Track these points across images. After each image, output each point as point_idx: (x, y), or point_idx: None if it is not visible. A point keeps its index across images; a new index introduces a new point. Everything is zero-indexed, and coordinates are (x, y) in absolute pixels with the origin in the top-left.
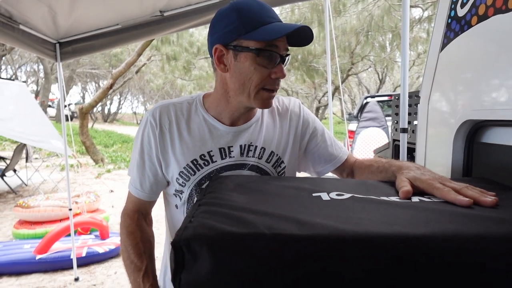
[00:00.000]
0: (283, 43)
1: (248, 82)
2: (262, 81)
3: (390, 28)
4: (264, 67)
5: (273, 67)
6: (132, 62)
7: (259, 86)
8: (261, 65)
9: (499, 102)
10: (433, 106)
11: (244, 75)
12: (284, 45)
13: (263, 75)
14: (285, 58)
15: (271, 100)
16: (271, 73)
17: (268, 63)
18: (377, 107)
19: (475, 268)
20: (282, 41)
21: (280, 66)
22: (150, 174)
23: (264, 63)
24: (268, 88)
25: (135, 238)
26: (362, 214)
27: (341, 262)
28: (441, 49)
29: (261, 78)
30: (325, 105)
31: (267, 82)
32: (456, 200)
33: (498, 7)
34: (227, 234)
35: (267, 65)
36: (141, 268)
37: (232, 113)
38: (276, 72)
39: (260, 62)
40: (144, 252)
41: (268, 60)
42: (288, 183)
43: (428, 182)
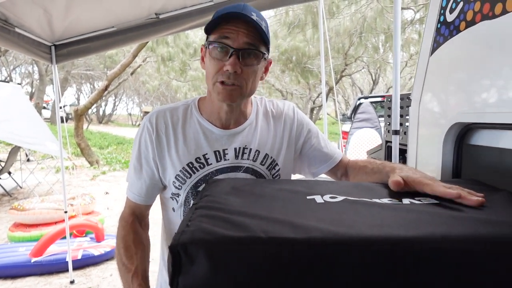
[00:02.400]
0: (238, 35)
1: (209, 75)
2: (215, 74)
3: (383, 29)
4: (218, 59)
5: (226, 60)
6: (127, 64)
7: (214, 78)
8: (215, 57)
9: (487, 106)
10: (424, 109)
11: (207, 70)
12: (241, 38)
13: (216, 67)
14: (241, 52)
15: (226, 92)
16: (224, 65)
17: (221, 55)
18: (370, 108)
19: (463, 268)
20: (235, 33)
21: (232, 59)
22: (146, 178)
23: (216, 55)
24: (220, 80)
25: (128, 240)
26: (355, 217)
27: (335, 264)
28: (431, 53)
29: (214, 71)
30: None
31: (219, 75)
32: (446, 193)
33: (485, 13)
34: (223, 238)
35: (221, 57)
36: (131, 269)
37: (218, 113)
38: (226, 65)
39: (214, 55)
40: (136, 254)
41: (220, 52)
42: (283, 186)
43: (419, 179)
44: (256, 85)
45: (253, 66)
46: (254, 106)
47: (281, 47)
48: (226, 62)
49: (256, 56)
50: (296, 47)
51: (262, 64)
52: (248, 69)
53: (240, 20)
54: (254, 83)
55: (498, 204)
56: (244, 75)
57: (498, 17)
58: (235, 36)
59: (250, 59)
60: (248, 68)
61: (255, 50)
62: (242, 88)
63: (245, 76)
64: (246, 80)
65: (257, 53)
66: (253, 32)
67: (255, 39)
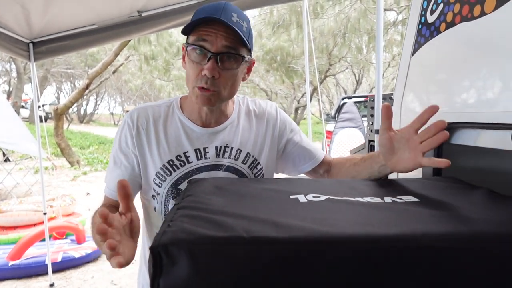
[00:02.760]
0: (217, 38)
1: (188, 78)
2: (194, 78)
3: (366, 30)
4: (196, 63)
5: (205, 64)
6: (109, 62)
7: (192, 83)
8: (193, 61)
9: (466, 106)
10: (405, 109)
11: (186, 71)
12: (219, 41)
13: (195, 71)
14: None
15: (204, 98)
16: (202, 69)
17: (199, 58)
18: (354, 107)
19: (444, 265)
20: (213, 36)
21: (210, 63)
22: (125, 173)
23: (195, 58)
24: (198, 85)
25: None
26: (337, 215)
27: (317, 263)
28: (412, 53)
29: (193, 74)
30: (304, 106)
31: (198, 79)
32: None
33: (464, 15)
34: (205, 238)
35: (199, 60)
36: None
37: (199, 112)
38: (204, 69)
39: (192, 58)
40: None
41: (198, 56)
42: (266, 185)
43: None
44: (236, 87)
45: (232, 70)
46: (236, 105)
47: (266, 47)
48: (204, 66)
49: (235, 60)
50: (281, 47)
51: (243, 66)
52: (226, 73)
53: (219, 23)
54: (234, 87)
55: (477, 201)
56: (222, 79)
57: (477, 18)
58: (213, 39)
59: (230, 63)
60: (226, 72)
61: (234, 54)
62: (220, 93)
63: (223, 80)
64: (224, 85)
65: (236, 56)
66: (232, 35)
67: (235, 42)
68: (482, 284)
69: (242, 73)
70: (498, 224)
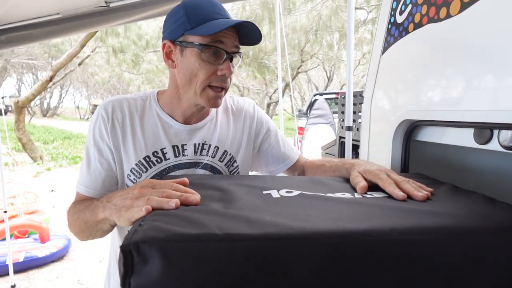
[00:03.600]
0: (230, 39)
1: (194, 78)
2: (208, 78)
3: (337, 28)
4: (210, 63)
5: (219, 64)
6: (74, 54)
7: (205, 82)
8: (206, 61)
9: (431, 104)
10: (375, 106)
11: (190, 71)
12: (231, 42)
13: (209, 71)
14: (233, 56)
15: (219, 99)
16: (218, 70)
17: (214, 59)
18: (325, 104)
19: (411, 258)
20: (228, 37)
21: (227, 63)
22: (101, 170)
23: (209, 59)
24: (215, 85)
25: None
26: (309, 211)
27: (290, 258)
28: (382, 52)
29: (206, 75)
30: (276, 102)
31: (213, 79)
32: (393, 193)
33: (431, 17)
34: (177, 236)
35: (213, 61)
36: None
37: (184, 110)
38: (222, 69)
39: (205, 58)
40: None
41: (213, 56)
42: (239, 181)
43: (375, 172)
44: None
45: (234, 68)
46: None
47: None
48: (219, 66)
49: (239, 57)
50: None
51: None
52: (233, 71)
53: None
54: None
55: (442, 196)
56: (230, 78)
57: (443, 20)
58: (228, 42)
59: (235, 62)
60: (233, 70)
61: (240, 53)
62: (227, 90)
63: (231, 78)
64: (230, 82)
65: (241, 55)
66: (236, 36)
67: (238, 43)
68: (446, 273)
69: None
70: (460, 217)
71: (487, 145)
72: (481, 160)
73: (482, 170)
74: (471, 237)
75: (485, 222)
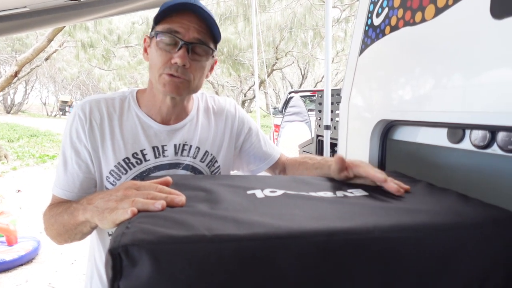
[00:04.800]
0: (189, 29)
1: (153, 66)
2: (162, 65)
3: (311, 26)
4: (166, 51)
5: (175, 52)
6: (41, 48)
7: (160, 70)
8: (162, 48)
9: (406, 105)
10: (353, 106)
11: (151, 60)
12: (189, 32)
13: (164, 59)
14: (193, 46)
15: (173, 85)
16: (172, 58)
17: (169, 47)
18: (300, 102)
19: (392, 254)
20: (186, 27)
21: (181, 52)
22: (79, 172)
23: (164, 47)
24: (167, 72)
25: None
26: (294, 210)
27: (278, 258)
28: (359, 53)
29: (161, 62)
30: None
31: (167, 67)
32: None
33: (407, 20)
34: (166, 238)
35: (169, 49)
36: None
37: (159, 107)
38: (174, 57)
39: (161, 46)
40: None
41: (167, 44)
42: (222, 181)
43: (356, 163)
44: (202, 81)
45: (201, 62)
46: (195, 101)
47: None
48: (174, 54)
49: (205, 51)
50: (228, 39)
51: (210, 61)
52: (196, 64)
53: (192, 15)
54: (201, 79)
55: (418, 194)
56: (192, 69)
57: (418, 24)
58: (185, 31)
59: (199, 54)
60: (196, 63)
61: (204, 45)
62: (190, 82)
63: (193, 70)
64: (194, 75)
65: (206, 48)
66: (204, 28)
67: (206, 36)
68: (426, 267)
69: (208, 68)
70: (437, 214)
71: (459, 144)
72: (454, 159)
73: (455, 168)
74: (448, 233)
75: (459, 218)
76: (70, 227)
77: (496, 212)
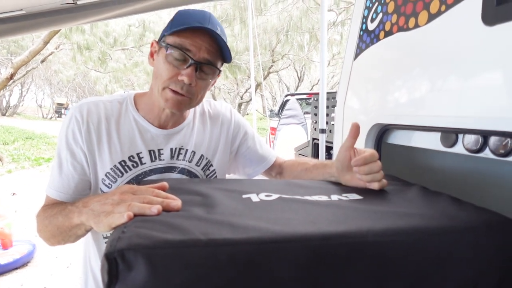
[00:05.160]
0: (200, 49)
1: (159, 77)
2: (168, 79)
3: (307, 29)
4: (174, 66)
5: (183, 69)
6: (37, 51)
7: (164, 83)
8: (170, 62)
9: (400, 109)
10: (348, 110)
11: (157, 69)
12: (200, 51)
13: (171, 73)
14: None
15: (176, 102)
16: (179, 74)
17: (178, 63)
18: (296, 105)
19: (386, 257)
20: (198, 46)
21: (189, 70)
22: (74, 173)
23: (173, 61)
24: (172, 88)
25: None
26: (289, 214)
27: (274, 262)
28: (354, 58)
29: (167, 75)
30: (247, 101)
31: (173, 82)
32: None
33: (401, 25)
34: (162, 242)
35: (177, 65)
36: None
37: (158, 114)
38: (182, 74)
39: (170, 60)
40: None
41: (178, 60)
42: (217, 185)
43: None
44: (204, 96)
45: (207, 80)
46: None
47: None
48: (182, 71)
49: (212, 71)
50: None
51: (215, 78)
52: (201, 82)
53: (206, 34)
54: (203, 95)
55: (412, 198)
56: (197, 88)
57: (412, 30)
58: (197, 50)
59: (206, 73)
60: (202, 82)
61: (212, 66)
62: (192, 99)
63: (198, 88)
64: (197, 93)
65: (213, 68)
66: (215, 49)
67: (215, 56)
68: (420, 271)
69: (211, 83)
70: (430, 218)
71: (452, 148)
72: (447, 162)
73: (448, 171)
74: (441, 237)
75: (453, 222)
76: (65, 229)
77: (489, 216)
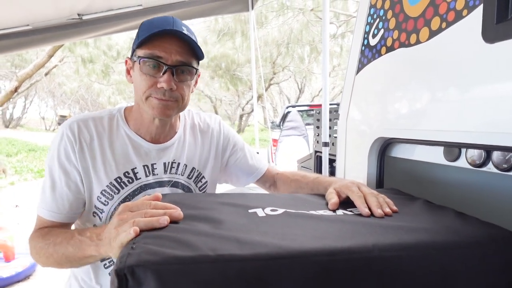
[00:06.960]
0: (168, 52)
1: (139, 90)
2: (147, 90)
3: (308, 41)
4: (150, 75)
5: (160, 76)
6: (41, 64)
7: (146, 94)
8: (146, 73)
9: (403, 123)
10: (350, 124)
11: (136, 84)
12: (172, 55)
13: (149, 83)
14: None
15: (162, 107)
16: (157, 82)
17: (153, 71)
18: (298, 116)
19: (392, 273)
20: (168, 50)
21: (166, 76)
22: (69, 193)
23: (148, 71)
24: (155, 96)
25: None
26: (296, 230)
27: (281, 277)
28: (356, 72)
29: (146, 87)
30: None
31: (153, 91)
32: (359, 207)
33: (402, 41)
34: (171, 259)
35: (153, 73)
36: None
37: (148, 126)
38: (160, 82)
39: (145, 71)
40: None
41: (152, 69)
42: (223, 199)
43: (347, 185)
44: (189, 99)
45: (187, 81)
46: (182, 119)
47: (211, 54)
48: (159, 78)
49: (189, 71)
50: (226, 54)
51: (194, 78)
52: (182, 84)
53: (173, 37)
54: (188, 98)
55: (417, 212)
56: (179, 90)
57: (413, 46)
58: (167, 55)
59: (184, 75)
60: (182, 84)
61: (188, 67)
62: (178, 102)
63: (180, 91)
64: (181, 94)
65: (190, 68)
66: (185, 49)
67: (188, 56)
68: (425, 286)
69: (193, 84)
70: (435, 233)
71: (456, 162)
72: (450, 176)
73: (452, 185)
74: (447, 252)
75: (458, 237)
76: (76, 259)
77: (495, 231)
